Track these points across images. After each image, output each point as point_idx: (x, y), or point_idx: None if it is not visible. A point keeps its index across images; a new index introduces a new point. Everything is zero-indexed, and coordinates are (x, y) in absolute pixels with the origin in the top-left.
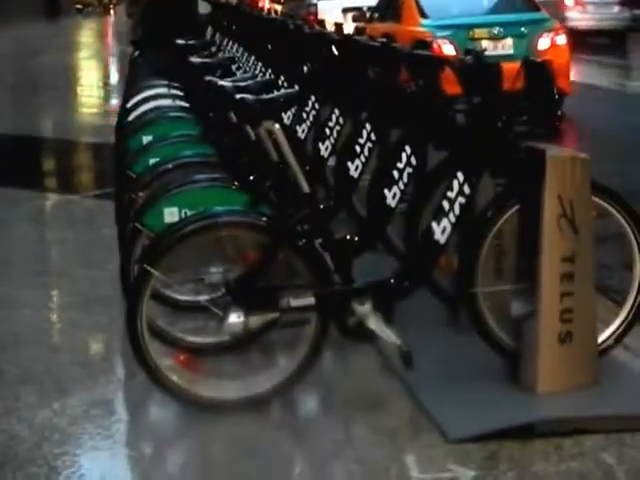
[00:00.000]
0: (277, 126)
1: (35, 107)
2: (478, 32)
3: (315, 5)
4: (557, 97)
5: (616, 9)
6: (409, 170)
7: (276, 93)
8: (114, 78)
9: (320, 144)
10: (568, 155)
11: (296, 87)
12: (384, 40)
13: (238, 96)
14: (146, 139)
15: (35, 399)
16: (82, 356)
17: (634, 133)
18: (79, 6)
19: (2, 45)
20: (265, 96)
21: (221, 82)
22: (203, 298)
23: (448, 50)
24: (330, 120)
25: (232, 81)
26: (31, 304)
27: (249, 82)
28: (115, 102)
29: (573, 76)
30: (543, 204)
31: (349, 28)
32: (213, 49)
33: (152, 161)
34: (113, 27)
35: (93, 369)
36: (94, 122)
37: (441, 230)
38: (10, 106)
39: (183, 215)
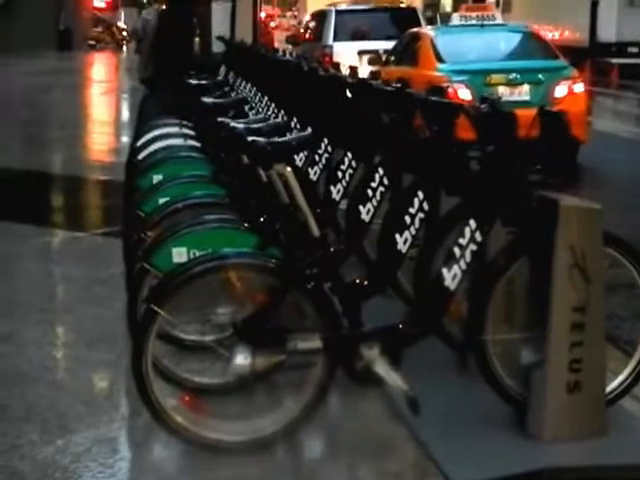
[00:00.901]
0: (289, 169)
1: (44, 142)
2: (495, 78)
3: (330, 47)
4: (572, 147)
5: None
6: (421, 215)
7: (288, 136)
8: (125, 115)
9: (332, 187)
10: (581, 205)
11: (309, 129)
12: (399, 85)
13: (250, 138)
14: (156, 178)
15: (38, 436)
16: (86, 394)
17: None
18: (92, 42)
19: (13, 79)
20: (277, 139)
21: (233, 124)
22: (210, 338)
23: (464, 95)
24: (342, 163)
25: (244, 123)
26: (36, 341)
27: (261, 124)
28: (125, 139)
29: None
30: (555, 253)
31: (364, 71)
32: (226, 89)
33: (162, 200)
34: (125, 63)
35: (97, 407)
36: (103, 159)
37: (452, 276)
38: (19, 141)
39: (192, 256)
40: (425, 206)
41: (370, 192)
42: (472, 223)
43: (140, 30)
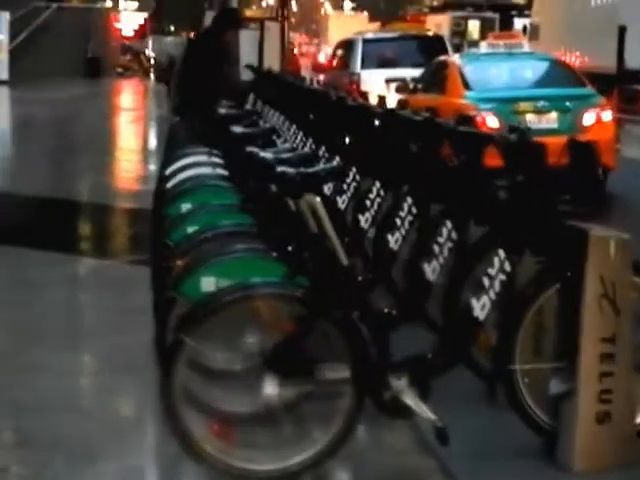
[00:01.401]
0: (318, 199)
1: (72, 170)
2: (522, 105)
3: (358, 75)
4: (601, 177)
5: None
6: (449, 245)
7: (318, 167)
8: (152, 143)
9: (360, 216)
10: (611, 235)
11: (337, 158)
12: (427, 115)
13: (279, 169)
14: (185, 207)
15: (64, 465)
16: (113, 423)
17: None
18: (120, 69)
19: (41, 106)
20: (306, 169)
21: (262, 154)
22: (238, 367)
23: (492, 123)
24: (371, 192)
25: (273, 152)
26: (63, 369)
27: (290, 154)
28: (153, 167)
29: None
30: (584, 284)
31: (392, 98)
32: (254, 117)
33: (190, 229)
34: (153, 91)
35: (124, 436)
36: (132, 187)
37: (480, 306)
38: (48, 168)
39: (220, 285)
40: (454, 235)
41: (398, 221)
42: (501, 253)
43: (165, 63)
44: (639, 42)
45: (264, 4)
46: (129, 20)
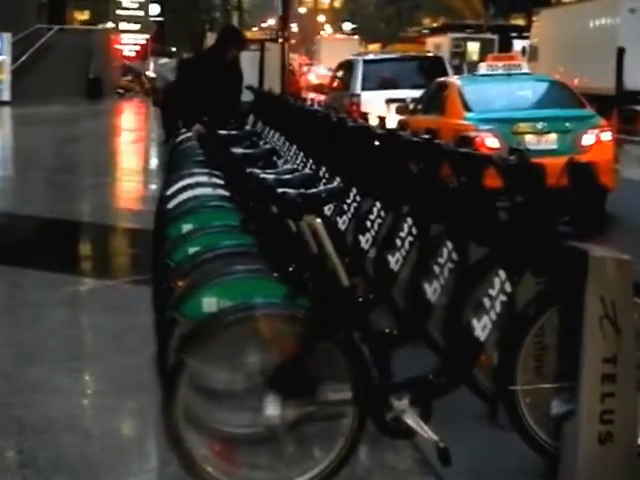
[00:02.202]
0: (318, 220)
1: (73, 190)
2: (522, 126)
3: (358, 96)
4: (600, 197)
5: None
6: (450, 265)
7: (318, 188)
8: (153, 163)
9: (361, 236)
10: (611, 256)
11: (338, 179)
12: (427, 136)
13: (280, 190)
14: (186, 227)
15: None
16: (116, 443)
17: None
18: (121, 90)
19: (43, 126)
20: (307, 191)
21: (263, 175)
22: (240, 388)
23: (492, 143)
24: (371, 213)
25: (274, 173)
26: (65, 389)
27: (291, 175)
28: (154, 188)
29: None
30: (585, 305)
31: (392, 119)
32: (254, 138)
33: (191, 250)
34: (153, 112)
35: (127, 456)
36: (133, 207)
37: (482, 327)
38: (48, 188)
39: (222, 305)
40: (454, 256)
41: (399, 241)
42: (501, 274)
43: (162, 88)
44: (638, 63)
45: (264, 25)
46: (130, 41)
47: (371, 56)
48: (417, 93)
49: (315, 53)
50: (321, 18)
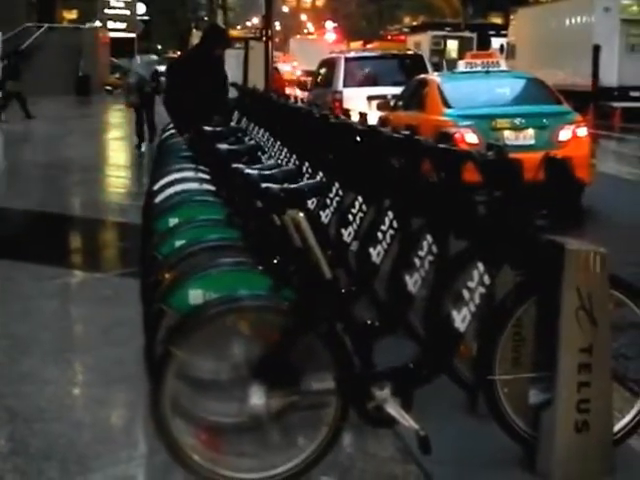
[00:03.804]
0: (301, 215)
1: (63, 185)
2: (500, 122)
3: (340, 93)
4: (576, 191)
5: None
6: (430, 258)
7: (301, 183)
8: (142, 159)
9: (343, 230)
10: (586, 249)
11: (320, 174)
12: (407, 132)
13: (264, 185)
14: (172, 221)
15: (57, 474)
16: (105, 432)
17: None
18: (109, 87)
19: (33, 123)
20: (290, 186)
21: (247, 171)
22: (226, 378)
23: (471, 139)
24: (353, 207)
25: (258, 169)
26: (55, 380)
27: (274, 171)
28: (142, 183)
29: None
30: (561, 296)
31: (373, 115)
32: (239, 134)
33: (178, 243)
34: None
35: (116, 446)
36: (121, 202)
37: (461, 318)
38: (38, 183)
39: (208, 297)
40: (434, 249)
41: (380, 235)
42: (480, 266)
43: (134, 84)
44: (613, 60)
45: (249, 24)
46: (118, 39)
47: (353, 54)
48: (398, 90)
49: (290, 52)
50: (304, 17)
